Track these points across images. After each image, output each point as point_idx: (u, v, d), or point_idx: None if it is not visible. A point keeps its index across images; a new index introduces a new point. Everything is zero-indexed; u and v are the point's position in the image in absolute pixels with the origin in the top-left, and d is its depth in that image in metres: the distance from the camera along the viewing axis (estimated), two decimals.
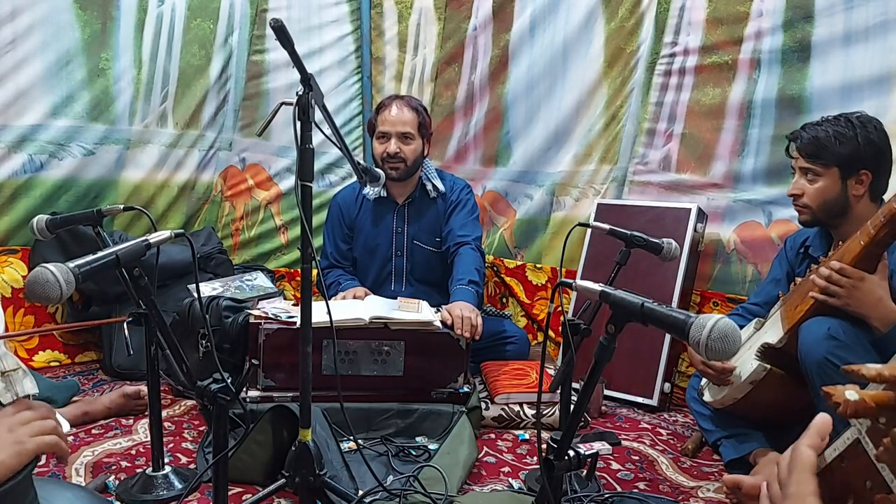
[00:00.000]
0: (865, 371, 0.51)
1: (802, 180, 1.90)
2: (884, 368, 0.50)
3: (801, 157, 1.89)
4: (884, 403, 0.50)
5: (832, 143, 1.82)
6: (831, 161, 1.84)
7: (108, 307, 2.77)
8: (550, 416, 2.28)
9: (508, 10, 3.20)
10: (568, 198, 3.11)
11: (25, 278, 1.86)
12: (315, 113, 1.43)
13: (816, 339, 1.68)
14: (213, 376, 1.46)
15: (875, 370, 0.51)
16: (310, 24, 3.32)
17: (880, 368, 0.51)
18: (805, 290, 1.83)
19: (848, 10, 2.33)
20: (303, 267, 1.49)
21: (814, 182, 1.87)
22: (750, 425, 1.97)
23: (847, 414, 0.51)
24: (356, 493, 1.71)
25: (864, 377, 0.51)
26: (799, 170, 1.91)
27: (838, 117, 1.86)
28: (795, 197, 1.92)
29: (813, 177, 1.87)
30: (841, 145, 1.82)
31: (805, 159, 1.88)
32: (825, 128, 1.85)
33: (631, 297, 1.18)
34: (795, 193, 1.91)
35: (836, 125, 1.84)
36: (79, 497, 1.14)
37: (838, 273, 1.68)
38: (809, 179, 1.88)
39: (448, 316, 2.24)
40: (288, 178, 3.38)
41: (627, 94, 2.92)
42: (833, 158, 1.83)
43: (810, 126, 1.89)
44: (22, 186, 2.75)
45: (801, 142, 1.89)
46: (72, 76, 2.80)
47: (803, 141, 1.88)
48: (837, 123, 1.84)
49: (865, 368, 0.51)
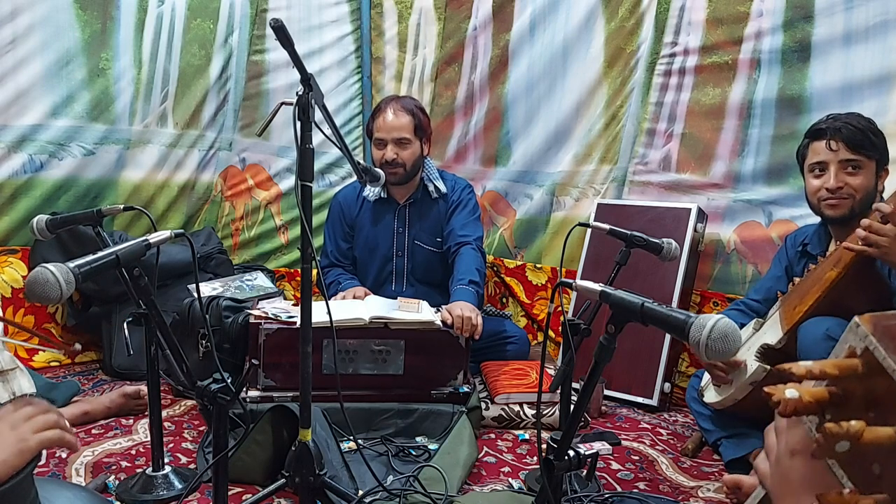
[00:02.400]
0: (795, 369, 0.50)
1: (842, 173, 1.84)
2: (815, 365, 0.50)
3: (842, 149, 1.83)
4: (822, 400, 0.50)
5: (871, 136, 1.81)
6: (874, 153, 1.82)
7: (108, 307, 2.77)
8: (550, 416, 2.28)
9: (508, 10, 3.20)
10: (568, 198, 3.11)
11: (25, 278, 1.86)
12: (315, 113, 1.43)
13: (815, 340, 1.68)
14: (213, 376, 1.46)
15: (805, 367, 0.50)
16: (310, 24, 3.32)
17: (811, 365, 0.50)
18: (804, 289, 1.83)
19: (848, 10, 2.33)
20: (303, 267, 1.49)
21: (855, 174, 1.83)
22: (750, 425, 1.97)
23: (787, 413, 0.51)
24: (356, 493, 1.71)
25: (794, 375, 0.51)
26: (838, 163, 1.84)
27: (850, 114, 1.85)
28: (835, 190, 1.84)
29: (854, 169, 1.83)
30: (877, 138, 1.82)
31: (849, 150, 1.82)
32: (858, 121, 1.83)
33: (631, 297, 1.19)
34: (839, 186, 1.83)
35: (859, 119, 1.83)
36: (79, 497, 1.14)
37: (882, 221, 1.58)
38: (850, 172, 1.83)
39: (448, 316, 2.24)
40: (288, 178, 3.38)
41: (627, 94, 2.92)
42: (875, 150, 1.82)
43: (841, 119, 1.85)
44: (22, 186, 2.75)
45: (845, 133, 1.83)
46: (72, 76, 2.80)
47: (848, 131, 1.83)
48: (861, 118, 1.83)
49: (795, 366, 0.50)
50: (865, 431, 0.47)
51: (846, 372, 0.50)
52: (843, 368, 0.50)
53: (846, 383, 0.50)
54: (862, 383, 0.50)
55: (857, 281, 1.73)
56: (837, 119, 1.86)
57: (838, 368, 0.50)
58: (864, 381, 0.50)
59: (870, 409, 0.49)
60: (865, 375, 0.49)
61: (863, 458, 0.49)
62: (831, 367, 0.50)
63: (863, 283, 1.74)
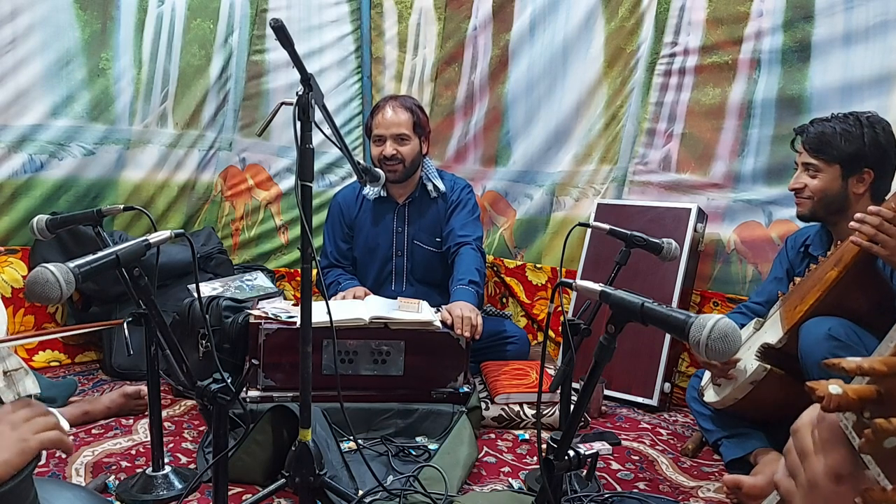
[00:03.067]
0: (846, 364, 0.51)
1: (805, 175, 1.90)
2: (863, 361, 0.51)
3: (804, 152, 1.90)
4: (866, 397, 0.51)
5: (837, 141, 1.82)
6: (834, 158, 1.84)
7: (108, 307, 2.77)
8: (550, 416, 2.28)
9: (508, 10, 3.20)
10: (568, 198, 3.11)
11: (25, 278, 1.86)
12: (315, 113, 1.43)
13: (817, 340, 1.68)
14: (213, 376, 1.46)
15: (855, 363, 0.51)
16: (310, 24, 3.32)
17: (860, 361, 0.51)
18: (805, 289, 1.83)
19: (848, 10, 2.33)
20: (303, 267, 1.49)
21: (815, 177, 1.88)
22: (750, 425, 1.97)
23: (830, 408, 0.51)
24: (356, 493, 1.71)
25: (844, 370, 0.51)
26: (802, 164, 1.91)
27: (848, 115, 1.86)
28: (797, 191, 1.92)
29: (814, 172, 1.88)
30: (846, 143, 1.82)
31: (809, 154, 1.88)
32: (833, 124, 1.85)
33: (631, 297, 1.18)
34: (797, 188, 1.92)
35: (844, 123, 1.84)
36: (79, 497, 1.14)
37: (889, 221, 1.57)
38: (811, 174, 1.89)
39: (448, 316, 2.24)
40: (288, 178, 3.38)
41: (627, 94, 2.92)
42: (836, 155, 1.83)
43: (818, 121, 1.89)
44: (22, 186, 2.75)
45: (807, 136, 1.89)
46: (72, 76, 2.80)
47: (809, 136, 1.88)
48: (846, 121, 1.84)
49: (846, 361, 0.51)
50: None
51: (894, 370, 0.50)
52: (892, 366, 0.50)
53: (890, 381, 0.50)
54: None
55: (859, 281, 1.73)
56: (815, 122, 1.91)
57: (887, 366, 0.50)
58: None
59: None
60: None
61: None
62: (880, 364, 0.50)
63: (864, 284, 1.75)
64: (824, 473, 0.55)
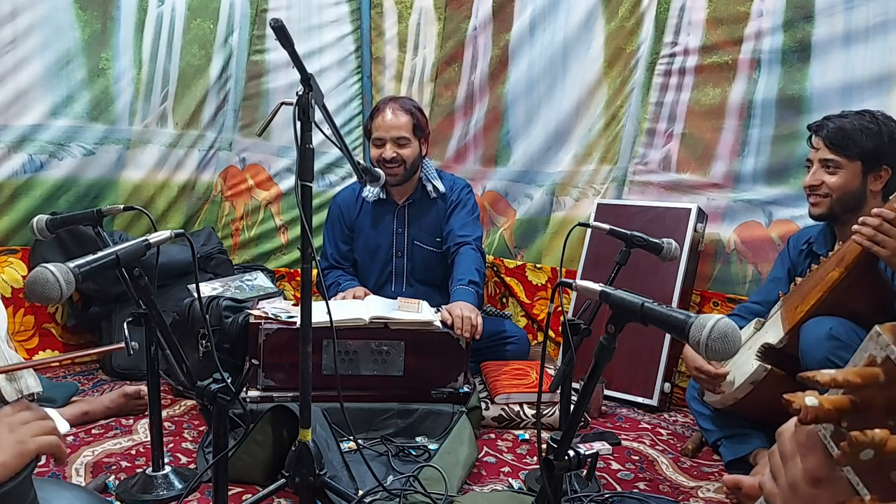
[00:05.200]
0: (820, 377, 0.51)
1: (822, 171, 1.86)
2: (837, 374, 0.51)
3: (823, 148, 1.86)
4: (842, 407, 0.51)
5: (858, 136, 1.81)
6: (855, 154, 1.82)
7: (108, 307, 2.77)
8: (550, 416, 2.28)
9: (508, 10, 3.20)
10: (568, 198, 3.11)
11: (25, 278, 1.86)
12: (315, 113, 1.43)
13: (818, 340, 1.68)
14: (213, 376, 1.46)
15: (829, 375, 0.51)
16: (310, 24, 3.32)
17: (834, 374, 0.51)
18: (806, 289, 1.83)
19: (848, 10, 2.33)
20: (303, 267, 1.49)
21: (834, 173, 1.84)
22: (750, 425, 1.97)
23: (807, 420, 0.51)
24: (356, 493, 1.71)
25: (818, 383, 0.51)
26: (819, 161, 1.87)
27: (862, 112, 1.85)
28: (813, 188, 1.88)
29: (834, 168, 1.84)
30: (866, 139, 1.80)
31: (829, 150, 1.84)
32: (851, 120, 1.83)
33: (631, 297, 1.18)
34: (814, 184, 1.87)
35: (860, 119, 1.82)
36: (79, 497, 1.14)
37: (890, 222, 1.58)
38: (830, 171, 1.85)
39: (448, 316, 2.24)
40: (288, 178, 3.38)
41: (627, 94, 2.92)
42: (857, 151, 1.81)
43: (835, 118, 1.86)
44: (22, 186, 2.75)
45: (827, 132, 1.85)
46: (72, 76, 2.80)
47: (829, 131, 1.85)
48: (862, 117, 1.83)
49: (820, 374, 0.51)
50: (889, 440, 0.47)
51: (868, 381, 0.50)
52: (866, 377, 0.50)
53: (865, 392, 0.50)
54: (882, 392, 0.50)
55: (860, 282, 1.73)
56: (832, 118, 1.88)
57: (861, 377, 0.50)
58: (884, 390, 0.50)
59: (889, 417, 0.50)
60: (886, 384, 0.50)
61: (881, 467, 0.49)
62: (854, 375, 0.51)
63: (865, 285, 1.74)
64: (802, 477, 0.56)
